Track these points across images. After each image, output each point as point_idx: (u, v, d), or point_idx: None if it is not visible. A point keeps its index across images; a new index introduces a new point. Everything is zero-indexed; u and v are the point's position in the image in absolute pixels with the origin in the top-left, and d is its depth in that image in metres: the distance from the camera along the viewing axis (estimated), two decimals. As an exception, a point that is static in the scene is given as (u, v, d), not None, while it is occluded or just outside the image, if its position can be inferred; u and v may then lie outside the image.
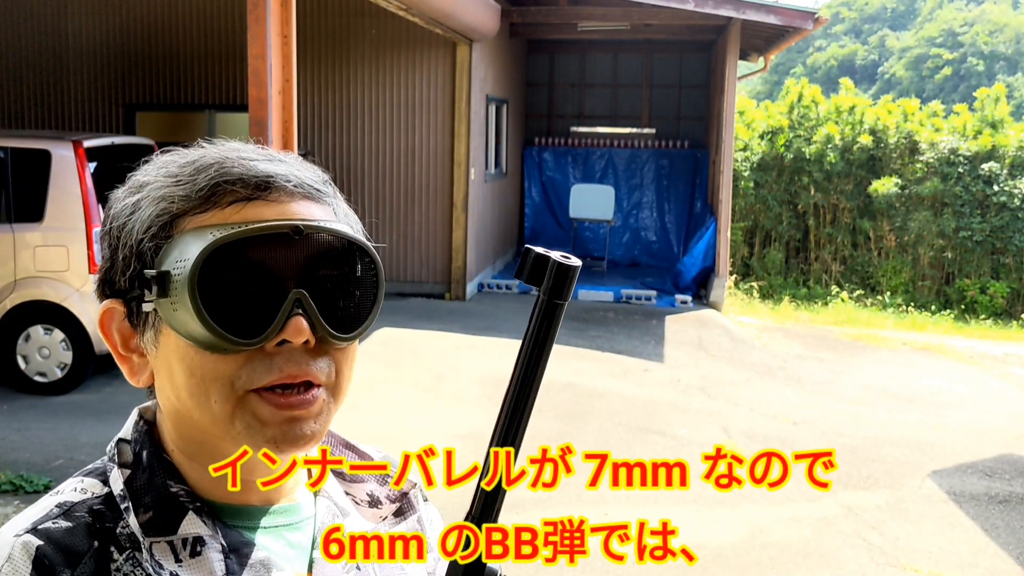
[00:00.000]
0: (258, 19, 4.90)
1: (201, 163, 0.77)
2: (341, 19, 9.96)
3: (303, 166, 0.81)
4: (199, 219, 0.74)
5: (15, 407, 6.03)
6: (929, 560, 4.37)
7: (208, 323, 0.71)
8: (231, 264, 0.72)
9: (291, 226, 0.73)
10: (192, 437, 0.79)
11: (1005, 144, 12.51)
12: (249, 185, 0.75)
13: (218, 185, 0.75)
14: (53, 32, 10.49)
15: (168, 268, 0.73)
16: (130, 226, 0.77)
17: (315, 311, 0.74)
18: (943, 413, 6.85)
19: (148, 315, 0.76)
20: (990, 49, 46.00)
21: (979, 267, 12.43)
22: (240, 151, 0.79)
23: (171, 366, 0.76)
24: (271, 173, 0.77)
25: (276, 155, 0.80)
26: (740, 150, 13.49)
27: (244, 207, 0.75)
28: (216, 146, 0.80)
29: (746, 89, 36.21)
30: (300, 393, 0.75)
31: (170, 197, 0.76)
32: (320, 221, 0.76)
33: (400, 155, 10.07)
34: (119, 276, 0.78)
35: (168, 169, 0.78)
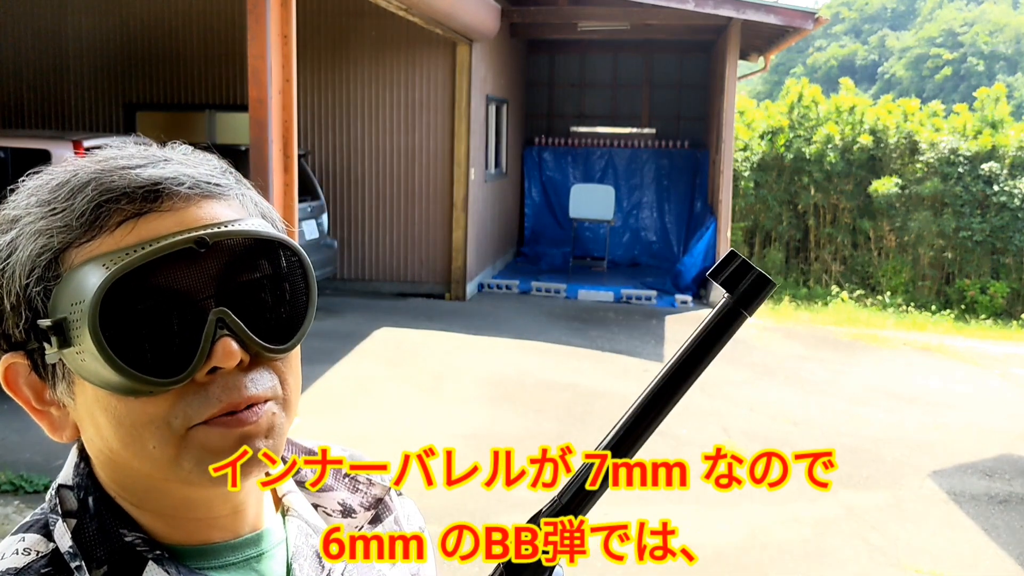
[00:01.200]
0: (258, 19, 4.90)
1: (75, 182, 0.66)
2: (341, 19, 9.97)
3: (196, 160, 0.71)
4: (87, 250, 0.64)
5: (15, 407, 6.01)
6: (929, 560, 4.37)
7: (122, 368, 0.62)
8: (135, 296, 0.63)
9: (193, 239, 0.63)
10: (134, 485, 0.70)
11: (1005, 144, 12.51)
12: (135, 198, 0.65)
13: (100, 206, 0.65)
14: (53, 32, 10.49)
15: (64, 314, 0.63)
16: (10, 270, 0.66)
17: (242, 327, 0.65)
18: (943, 413, 6.84)
19: (55, 366, 0.67)
20: (990, 49, 46.00)
21: (979, 267, 12.43)
22: (118, 159, 0.68)
23: (95, 417, 0.67)
24: (158, 179, 0.66)
25: (161, 154, 0.70)
26: (740, 150, 13.49)
27: (136, 225, 0.65)
28: (90, 158, 0.70)
29: (746, 89, 36.21)
30: (248, 410, 0.67)
31: (48, 231, 0.65)
32: (228, 223, 0.67)
33: (400, 155, 10.07)
34: (12, 328, 0.67)
35: (39, 196, 0.68)
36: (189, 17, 10.27)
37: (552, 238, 12.77)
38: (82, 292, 0.62)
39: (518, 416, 6.05)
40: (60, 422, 0.71)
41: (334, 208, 10.03)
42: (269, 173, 4.98)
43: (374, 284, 10.21)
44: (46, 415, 0.71)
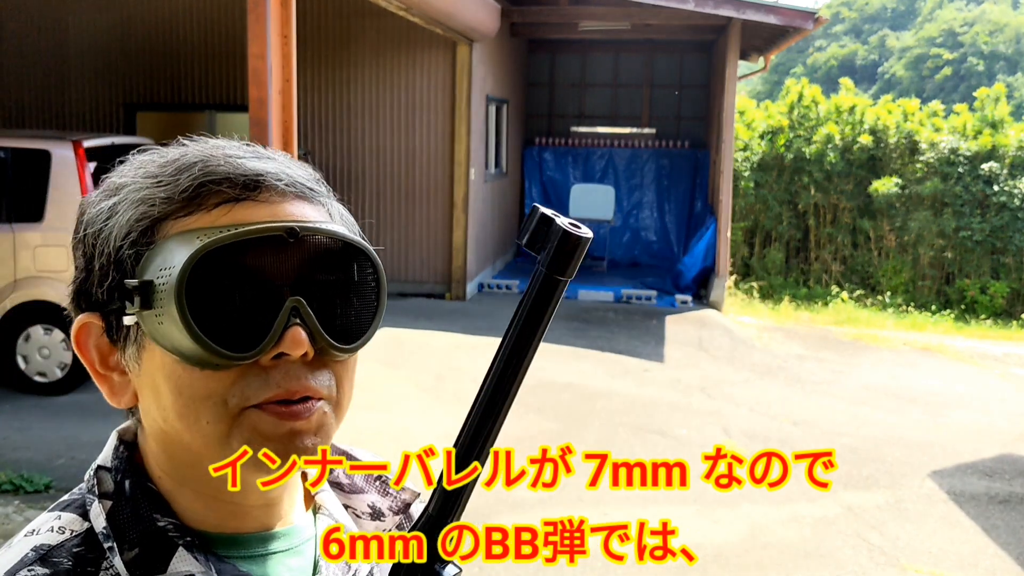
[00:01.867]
0: (258, 19, 4.90)
1: (183, 162, 0.70)
2: (341, 19, 9.97)
3: (294, 164, 0.75)
4: (183, 223, 0.68)
5: (16, 407, 6.03)
6: (929, 560, 4.37)
7: (198, 336, 0.64)
8: (221, 271, 0.65)
9: (285, 228, 0.67)
10: (182, 460, 0.72)
11: (1005, 144, 12.50)
12: (237, 184, 0.69)
13: (203, 185, 0.68)
14: (53, 32, 10.49)
15: (151, 277, 0.66)
16: (107, 232, 0.70)
17: (314, 320, 0.68)
18: (943, 413, 6.85)
19: (129, 329, 0.69)
20: (990, 49, 45.99)
21: (979, 267, 12.42)
22: (225, 148, 0.73)
23: (156, 385, 0.69)
24: (261, 171, 0.70)
25: (265, 152, 0.74)
26: (740, 150, 13.49)
27: (232, 208, 0.68)
28: (199, 143, 0.74)
29: (746, 89, 36.22)
30: (303, 403, 0.69)
31: (150, 199, 0.69)
32: (315, 222, 0.70)
33: (400, 155, 10.07)
34: (95, 287, 0.70)
35: (147, 169, 0.71)
36: (189, 17, 10.27)
37: (552, 238, 12.75)
38: (173, 259, 0.65)
39: (518, 416, 6.05)
40: (120, 388, 0.73)
41: (334, 208, 10.02)
42: (269, 173, 4.98)
43: (374, 284, 10.19)
44: (108, 379, 0.74)
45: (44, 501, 4.55)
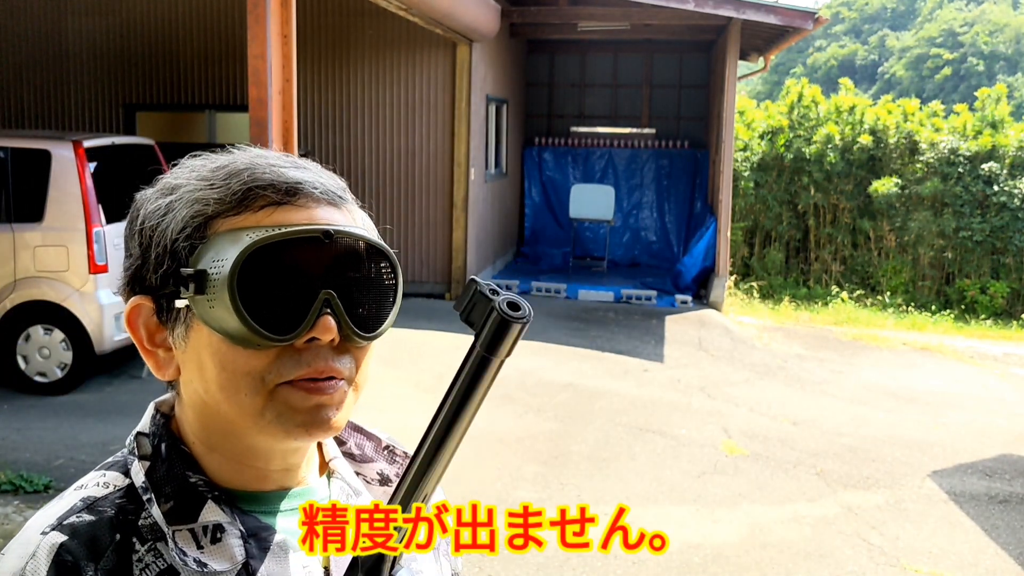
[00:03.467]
0: (258, 19, 4.90)
1: (233, 168, 0.81)
2: (341, 19, 9.97)
3: (325, 174, 0.85)
4: (232, 221, 0.78)
5: (15, 407, 6.03)
6: (929, 560, 4.37)
7: (246, 319, 0.75)
8: (266, 265, 0.76)
9: (322, 230, 0.77)
10: (217, 428, 0.82)
11: (1005, 144, 12.50)
12: (280, 190, 0.79)
13: (251, 190, 0.79)
14: (53, 32, 10.49)
15: (205, 267, 0.76)
16: (164, 226, 0.80)
17: (342, 311, 0.78)
18: (943, 413, 6.85)
19: (179, 312, 0.80)
20: (990, 49, 46.00)
21: (979, 267, 12.42)
22: (268, 158, 0.83)
23: (202, 360, 0.79)
24: (300, 180, 0.80)
25: (300, 162, 0.85)
26: (740, 150, 13.49)
27: (275, 211, 0.78)
28: (244, 152, 0.84)
29: (746, 89, 36.21)
30: (328, 382, 0.79)
31: (204, 200, 0.79)
32: (345, 226, 0.80)
33: (400, 155, 10.07)
34: (150, 274, 0.81)
35: (200, 173, 0.82)
36: (189, 17, 10.27)
37: (552, 238, 12.77)
38: (225, 253, 0.76)
39: (518, 416, 6.05)
40: (165, 362, 0.83)
41: (334, 208, 10.01)
42: (269, 173, 4.97)
43: (374, 284, 10.19)
44: (154, 355, 0.84)
45: (44, 501, 4.55)
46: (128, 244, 0.85)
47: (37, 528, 0.78)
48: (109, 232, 6.27)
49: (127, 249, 0.85)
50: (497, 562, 4.02)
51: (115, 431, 5.43)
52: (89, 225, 6.13)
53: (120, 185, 6.85)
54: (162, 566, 0.77)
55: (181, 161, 0.86)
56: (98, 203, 6.20)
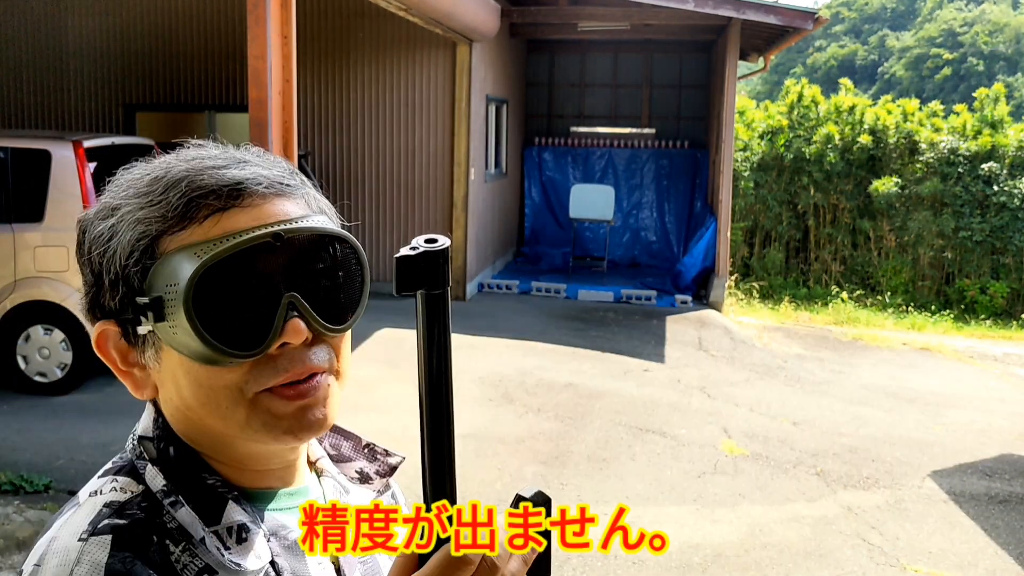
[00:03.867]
0: (258, 19, 4.90)
1: (169, 179, 0.78)
2: (341, 19, 9.97)
3: (268, 162, 0.82)
4: (180, 238, 0.75)
5: (16, 407, 6.03)
6: (929, 560, 4.37)
7: (210, 342, 0.73)
8: (221, 280, 0.74)
9: (271, 233, 0.75)
10: (208, 438, 0.81)
11: (1005, 144, 12.50)
12: (222, 196, 0.76)
13: (191, 201, 0.76)
14: (53, 32, 10.49)
15: (160, 293, 0.74)
16: (111, 251, 0.77)
17: (309, 310, 0.77)
18: (943, 413, 6.85)
19: (145, 336, 0.78)
20: (990, 49, 45.99)
21: (979, 267, 12.42)
22: (205, 160, 0.80)
23: (177, 379, 0.78)
24: (240, 180, 0.77)
25: (241, 156, 0.81)
26: (740, 150, 13.49)
27: (221, 218, 0.76)
28: (181, 155, 0.81)
29: (746, 89, 36.21)
30: (308, 382, 0.78)
31: (147, 219, 0.76)
32: (297, 219, 0.78)
33: (400, 155, 10.07)
34: (108, 300, 0.79)
35: (138, 188, 0.79)
36: (189, 17, 10.27)
37: (552, 238, 12.77)
38: (177, 275, 0.73)
39: (518, 416, 6.05)
40: (142, 382, 0.82)
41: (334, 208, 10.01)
42: (269, 173, 4.98)
43: (374, 284, 10.10)
44: (130, 375, 0.82)
45: (44, 501, 4.55)
46: (81, 269, 0.82)
47: (71, 535, 0.75)
48: (109, 232, 6.26)
49: (82, 274, 0.82)
50: (497, 562, 4.01)
51: (115, 431, 5.43)
52: (89, 225, 6.12)
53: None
54: (200, 565, 0.76)
55: (116, 175, 0.83)
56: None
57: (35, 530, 4.24)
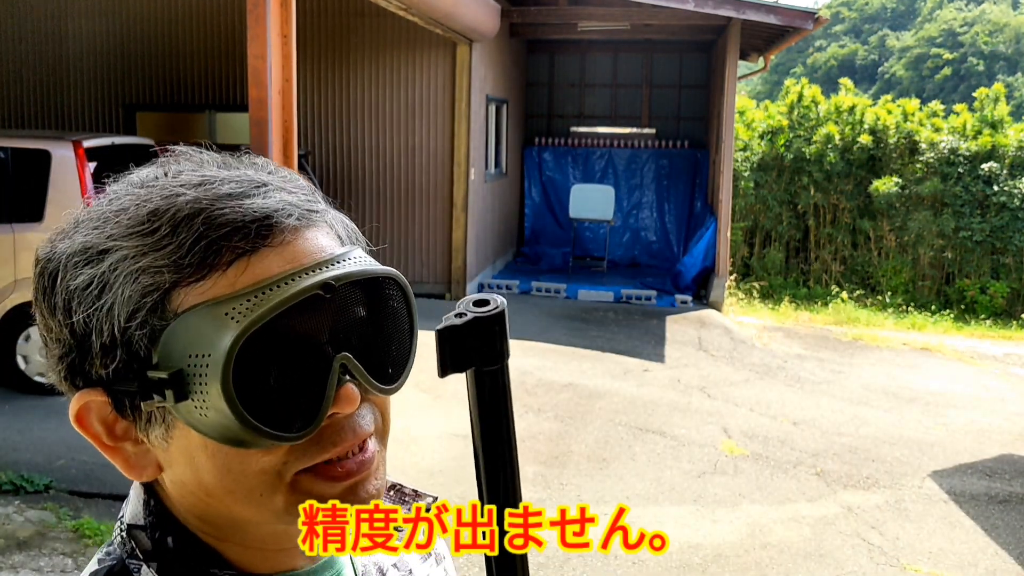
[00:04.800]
0: (258, 19, 4.90)
1: (177, 213, 0.60)
2: (341, 19, 9.97)
3: (286, 181, 0.67)
4: (199, 291, 0.59)
5: (16, 407, 6.03)
6: (929, 560, 4.37)
7: (252, 425, 0.58)
8: (261, 347, 0.58)
9: (320, 284, 0.60)
10: (223, 522, 0.66)
11: (1005, 144, 12.50)
12: (248, 234, 0.60)
13: (212, 243, 0.59)
14: (53, 32, 10.49)
15: (180, 365, 0.58)
16: (103, 309, 0.60)
17: (362, 372, 0.63)
18: (943, 413, 6.85)
19: (152, 412, 0.62)
20: (990, 49, 46.00)
21: (979, 267, 12.42)
22: (215, 184, 0.62)
23: (196, 462, 0.62)
24: (268, 211, 0.61)
25: (253, 176, 0.65)
26: (740, 150, 13.49)
27: (248, 263, 0.60)
28: (175, 178, 0.64)
29: (746, 89, 36.21)
30: (355, 455, 0.64)
31: (152, 268, 0.59)
32: (338, 259, 0.63)
33: (400, 155, 10.07)
34: (96, 368, 0.61)
35: (131, 226, 0.61)
36: (189, 17, 10.27)
37: (552, 238, 12.77)
38: (205, 344, 0.57)
39: (518, 416, 6.04)
40: (137, 459, 0.65)
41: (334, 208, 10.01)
42: (269, 173, 4.98)
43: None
44: (119, 452, 0.64)
45: (44, 501, 4.55)
46: (47, 324, 0.63)
47: None
48: (109, 232, 6.26)
49: (47, 329, 0.64)
50: (497, 562, 4.01)
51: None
52: (89, 225, 6.12)
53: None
54: None
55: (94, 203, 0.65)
56: (98, 203, 6.20)
57: (35, 530, 4.24)
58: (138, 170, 0.68)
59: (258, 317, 0.57)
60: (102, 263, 0.60)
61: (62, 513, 4.41)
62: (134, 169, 0.69)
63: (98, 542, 4.10)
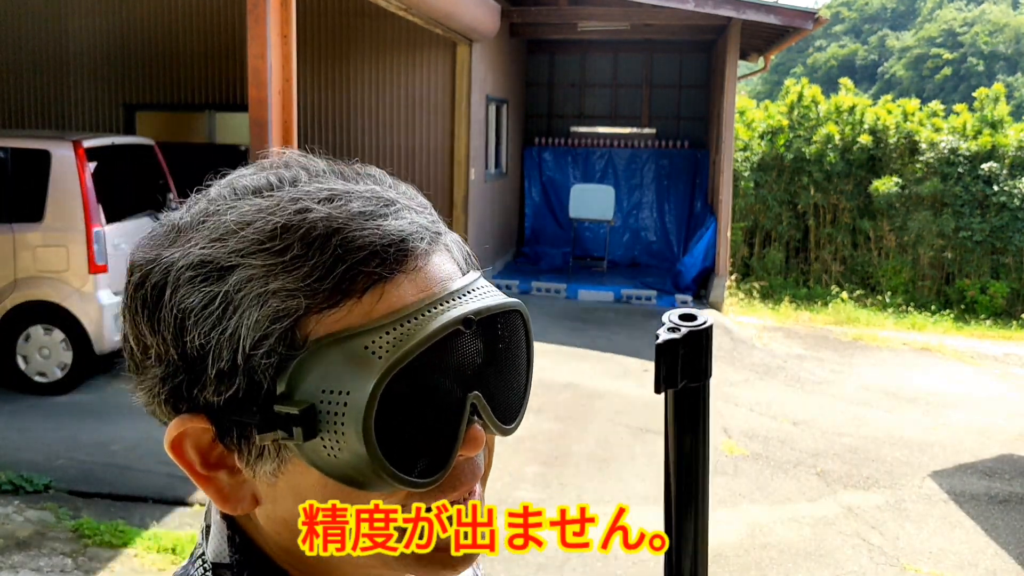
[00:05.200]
0: (258, 19, 4.90)
1: (310, 231, 0.55)
2: (341, 19, 9.97)
3: (412, 199, 0.62)
4: (333, 320, 0.55)
5: (16, 407, 6.03)
6: (929, 560, 4.37)
7: (390, 471, 0.54)
8: (398, 385, 0.54)
9: (460, 319, 0.56)
10: (319, 563, 0.61)
11: (1005, 144, 12.50)
12: (387, 259, 0.56)
13: (350, 268, 0.55)
14: (53, 32, 10.49)
15: (311, 399, 0.54)
16: (226, 332, 0.55)
17: (488, 411, 0.59)
18: (943, 413, 6.85)
19: (265, 446, 0.57)
20: (990, 49, 46.00)
21: (979, 267, 12.42)
22: (345, 198, 0.58)
23: (305, 499, 0.58)
24: (404, 234, 0.57)
25: (383, 193, 0.60)
26: (740, 150, 13.49)
27: (384, 290, 0.56)
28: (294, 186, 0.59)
29: (746, 89, 36.22)
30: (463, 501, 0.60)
31: (283, 292, 0.54)
32: (468, 288, 0.59)
33: (400, 155, 10.07)
34: (208, 393, 0.56)
35: (257, 240, 0.56)
36: (189, 17, 10.27)
37: (552, 238, 12.77)
38: (342, 380, 0.53)
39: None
40: (233, 491, 0.59)
41: (334, 208, 10.02)
42: (269, 173, 4.98)
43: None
44: (213, 482, 0.59)
45: (44, 501, 4.55)
46: (145, 340, 0.58)
47: None
48: (109, 232, 6.27)
49: (141, 345, 0.59)
50: (497, 562, 4.02)
51: (115, 431, 5.43)
52: (89, 225, 6.13)
53: (120, 185, 6.86)
54: None
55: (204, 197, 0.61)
56: (98, 203, 6.21)
57: (35, 530, 4.24)
58: (240, 173, 0.63)
59: (402, 355, 0.53)
60: (225, 282, 0.55)
61: (61, 513, 4.41)
62: (230, 171, 0.64)
63: (97, 542, 4.10)
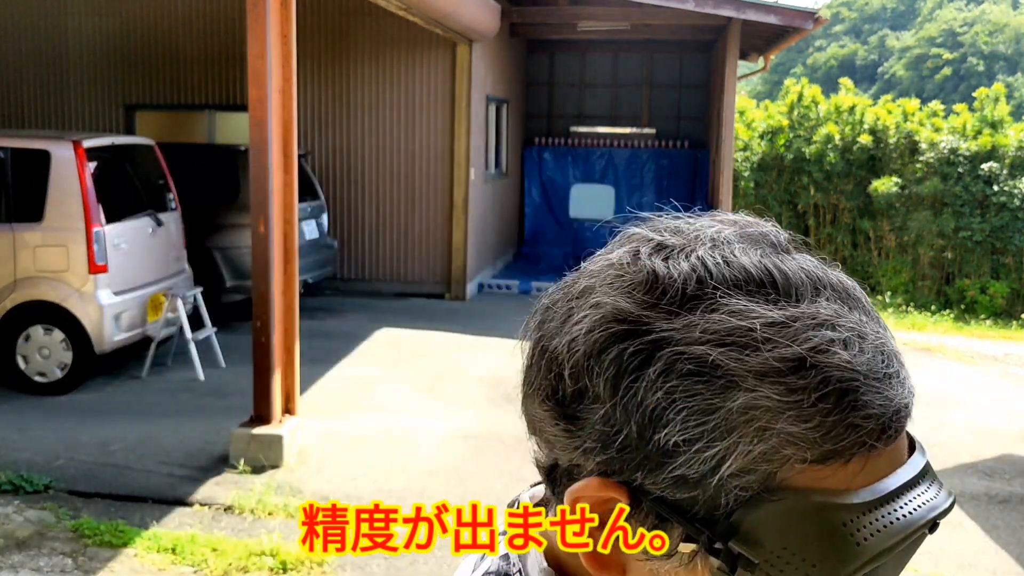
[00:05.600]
0: (258, 19, 4.90)
1: (827, 379, 0.50)
2: (341, 19, 9.97)
3: (882, 329, 0.56)
4: (813, 475, 0.50)
5: (16, 407, 6.03)
6: (929, 560, 4.37)
7: None
8: None
9: (931, 521, 0.52)
10: None
11: (1005, 144, 12.50)
12: (885, 432, 0.52)
13: (852, 427, 0.50)
14: (53, 32, 10.49)
15: (768, 549, 0.50)
16: (712, 449, 0.51)
17: None
18: (943, 413, 6.84)
19: (686, 554, 0.54)
20: (990, 49, 46.01)
21: (979, 267, 12.42)
22: (858, 348, 0.52)
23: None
24: (902, 405, 0.53)
25: (888, 343, 0.55)
26: (740, 150, 13.49)
27: (867, 460, 0.52)
28: (816, 313, 0.53)
29: (746, 89, 36.22)
30: None
31: (787, 436, 0.50)
32: (926, 477, 0.55)
33: (400, 155, 10.07)
34: (651, 483, 0.53)
35: (773, 365, 0.50)
36: (189, 17, 10.27)
37: (552, 238, 12.77)
38: (807, 548, 0.50)
39: (518, 416, 6.01)
40: (613, 558, 0.57)
41: (334, 208, 10.03)
42: (269, 173, 4.99)
43: (374, 284, 10.21)
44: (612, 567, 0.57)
45: (44, 501, 4.55)
46: (596, 387, 0.55)
47: None
48: (109, 232, 6.27)
49: (578, 381, 0.57)
50: (497, 562, 4.01)
51: (115, 431, 5.43)
52: (89, 225, 6.13)
53: (120, 185, 6.86)
54: None
55: (691, 251, 0.56)
56: (98, 203, 6.21)
57: (35, 530, 4.24)
58: (725, 237, 0.59)
59: (881, 553, 0.50)
60: (731, 399, 0.50)
61: (61, 513, 4.41)
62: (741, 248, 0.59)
63: (97, 542, 4.09)
